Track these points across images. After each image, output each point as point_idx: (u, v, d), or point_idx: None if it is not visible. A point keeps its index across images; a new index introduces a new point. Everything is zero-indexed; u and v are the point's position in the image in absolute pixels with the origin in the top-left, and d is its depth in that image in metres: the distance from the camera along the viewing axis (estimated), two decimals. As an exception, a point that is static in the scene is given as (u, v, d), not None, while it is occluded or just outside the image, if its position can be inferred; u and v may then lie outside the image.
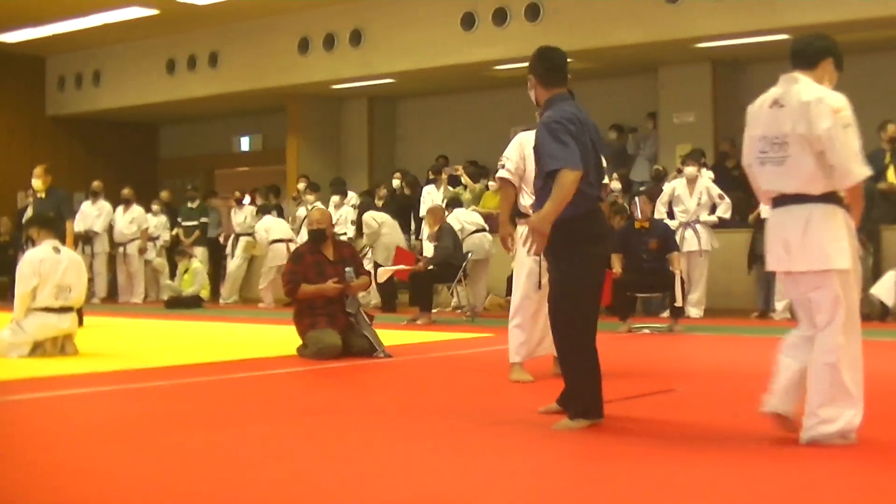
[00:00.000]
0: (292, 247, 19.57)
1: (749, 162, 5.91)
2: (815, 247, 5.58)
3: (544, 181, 6.38)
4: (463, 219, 16.37)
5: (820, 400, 5.59)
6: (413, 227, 18.84)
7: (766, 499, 4.73)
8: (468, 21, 18.43)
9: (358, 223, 17.83)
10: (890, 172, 14.88)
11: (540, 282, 8.07)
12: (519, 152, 8.46)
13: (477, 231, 16.34)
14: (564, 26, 17.39)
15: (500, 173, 8.52)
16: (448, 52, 18.90)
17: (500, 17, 18.07)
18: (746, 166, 5.98)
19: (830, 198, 5.62)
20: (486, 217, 16.81)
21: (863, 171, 5.60)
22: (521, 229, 8.36)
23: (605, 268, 6.64)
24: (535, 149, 6.55)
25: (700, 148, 16.93)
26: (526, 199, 8.39)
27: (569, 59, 6.85)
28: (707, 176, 15.67)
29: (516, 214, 8.56)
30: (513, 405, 7.49)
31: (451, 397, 8.02)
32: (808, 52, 5.82)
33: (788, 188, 5.66)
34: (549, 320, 6.67)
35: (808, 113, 5.56)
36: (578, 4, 17.31)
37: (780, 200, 5.73)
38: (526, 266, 8.37)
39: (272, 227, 19.65)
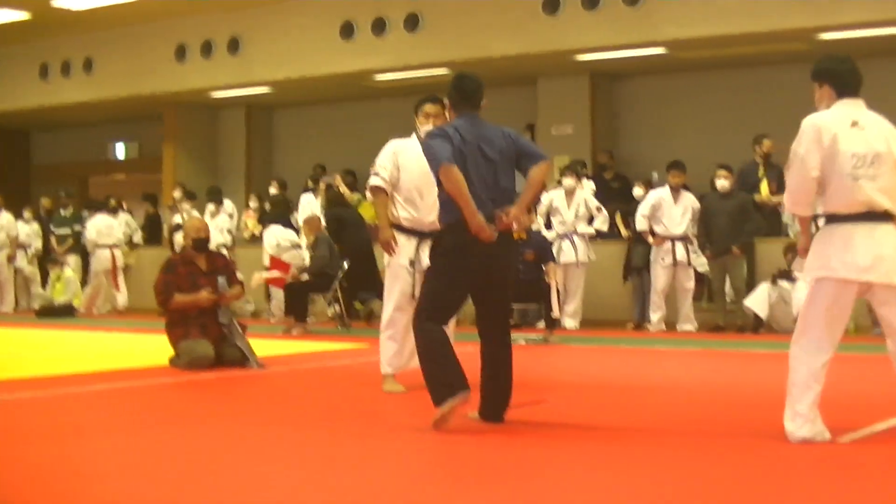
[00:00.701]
0: (117, 252, 19.44)
1: (817, 175, 5.95)
2: None
3: (440, 189, 6.68)
4: (279, 235, 16.26)
5: None
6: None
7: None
8: (347, 30, 18.39)
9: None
10: (763, 186, 15.08)
11: (414, 292, 8.06)
12: (392, 161, 8.32)
13: (295, 247, 16.19)
14: (443, 37, 17.44)
15: (373, 181, 8.34)
16: (327, 61, 18.83)
17: (380, 26, 18.06)
18: (810, 179, 5.97)
19: None
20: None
21: None
22: (400, 238, 8.29)
23: (468, 280, 6.66)
24: None
25: (581, 159, 17.06)
26: (399, 210, 8.32)
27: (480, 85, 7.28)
28: (589, 188, 15.79)
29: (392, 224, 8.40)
30: (384, 416, 7.49)
31: (323, 408, 7.97)
32: (857, 79, 6.08)
33: (878, 206, 5.90)
34: None
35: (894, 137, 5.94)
36: (457, 15, 17.35)
37: (867, 216, 5.91)
38: (399, 277, 8.32)
39: (102, 230, 19.49)
